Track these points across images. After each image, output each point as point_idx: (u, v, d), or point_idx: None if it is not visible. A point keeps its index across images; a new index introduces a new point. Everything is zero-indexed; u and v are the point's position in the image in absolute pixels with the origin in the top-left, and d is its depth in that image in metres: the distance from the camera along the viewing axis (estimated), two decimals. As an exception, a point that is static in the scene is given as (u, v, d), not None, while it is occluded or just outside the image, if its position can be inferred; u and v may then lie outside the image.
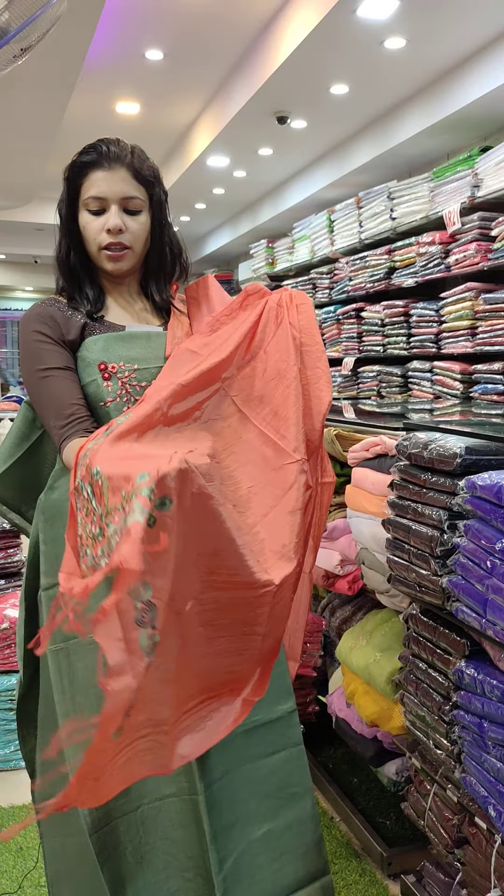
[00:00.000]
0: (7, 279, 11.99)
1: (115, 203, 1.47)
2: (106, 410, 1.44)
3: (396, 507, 1.74)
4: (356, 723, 2.27)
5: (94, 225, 1.48)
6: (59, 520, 1.43)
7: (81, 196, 1.48)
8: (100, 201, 1.47)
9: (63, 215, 1.51)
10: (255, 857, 1.45)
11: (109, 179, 1.46)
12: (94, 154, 1.47)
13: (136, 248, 1.52)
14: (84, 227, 1.49)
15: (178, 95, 5.45)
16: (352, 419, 2.50)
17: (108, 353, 1.45)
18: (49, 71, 4.22)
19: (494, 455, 1.54)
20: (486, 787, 1.49)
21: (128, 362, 1.46)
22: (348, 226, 5.60)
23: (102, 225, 1.47)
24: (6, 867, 2.18)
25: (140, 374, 1.46)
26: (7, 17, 2.13)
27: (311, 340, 1.45)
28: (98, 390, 1.44)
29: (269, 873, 1.46)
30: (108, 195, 1.46)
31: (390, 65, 4.21)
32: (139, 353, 1.48)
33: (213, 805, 1.41)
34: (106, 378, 1.44)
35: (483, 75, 4.06)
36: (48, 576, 1.46)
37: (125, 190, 1.47)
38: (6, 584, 3.11)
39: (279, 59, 4.17)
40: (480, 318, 4.17)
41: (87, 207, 1.48)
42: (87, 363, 1.45)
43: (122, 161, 1.47)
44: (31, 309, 1.51)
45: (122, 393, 1.45)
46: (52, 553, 1.45)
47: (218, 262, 9.96)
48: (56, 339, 1.46)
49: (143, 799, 1.41)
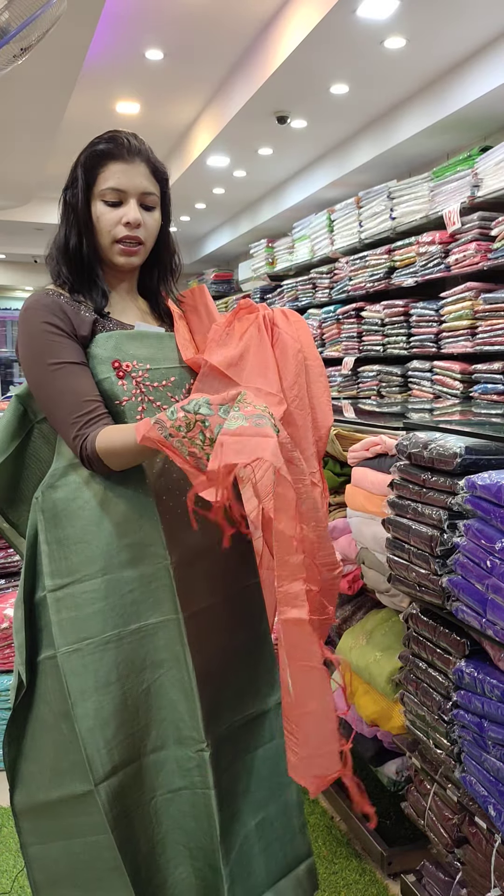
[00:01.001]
0: (7, 279, 11.97)
1: (133, 197, 1.44)
2: (121, 409, 1.42)
3: (396, 507, 1.74)
4: (356, 722, 2.27)
5: (110, 216, 1.44)
6: (65, 519, 1.41)
7: (98, 185, 1.44)
8: (118, 193, 1.43)
9: (75, 205, 1.45)
10: (252, 847, 1.51)
11: (130, 172, 1.43)
12: (112, 144, 1.43)
13: (148, 245, 1.50)
14: (98, 219, 1.45)
15: (178, 95, 5.45)
16: (352, 419, 2.50)
17: (120, 352, 1.42)
18: (49, 71, 4.21)
19: (494, 455, 1.54)
20: (486, 787, 1.49)
21: (140, 361, 1.44)
22: (348, 225, 5.60)
23: (119, 217, 1.44)
24: (6, 867, 2.18)
25: (152, 374, 1.45)
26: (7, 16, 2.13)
27: (312, 355, 1.51)
28: (113, 388, 1.41)
29: (263, 860, 1.53)
30: (127, 188, 1.43)
31: (390, 65, 4.21)
32: (151, 353, 1.46)
33: (223, 798, 1.45)
34: (120, 376, 1.42)
35: (483, 75, 4.06)
36: (55, 577, 1.41)
37: (144, 185, 1.45)
38: (6, 584, 3.11)
39: (279, 58, 4.17)
40: (480, 317, 4.16)
41: (103, 198, 1.44)
42: (99, 360, 1.42)
43: (142, 155, 1.45)
44: (36, 299, 1.43)
45: (137, 392, 1.43)
46: (58, 553, 1.41)
47: (218, 262, 9.95)
48: (68, 332, 1.40)
49: (157, 791, 1.44)
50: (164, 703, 1.42)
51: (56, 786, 1.44)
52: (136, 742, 1.42)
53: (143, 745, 1.42)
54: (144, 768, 1.43)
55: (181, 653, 1.41)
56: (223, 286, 9.36)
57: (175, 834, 1.45)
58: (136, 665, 1.41)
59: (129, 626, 1.40)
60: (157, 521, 1.41)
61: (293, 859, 1.58)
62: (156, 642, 1.41)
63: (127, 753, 1.41)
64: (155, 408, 1.44)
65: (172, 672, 1.42)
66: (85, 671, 1.38)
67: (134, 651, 1.40)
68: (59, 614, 1.40)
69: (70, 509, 1.41)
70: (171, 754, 1.43)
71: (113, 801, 1.39)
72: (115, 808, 1.39)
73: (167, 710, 1.42)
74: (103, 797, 1.38)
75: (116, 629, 1.39)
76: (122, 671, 1.39)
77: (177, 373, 1.49)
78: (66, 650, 1.39)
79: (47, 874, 1.52)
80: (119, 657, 1.39)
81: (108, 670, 1.39)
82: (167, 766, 1.44)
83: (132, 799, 1.42)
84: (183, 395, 1.49)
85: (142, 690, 1.41)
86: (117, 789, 1.40)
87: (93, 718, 1.38)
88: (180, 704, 1.42)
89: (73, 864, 1.47)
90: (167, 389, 1.47)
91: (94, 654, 1.38)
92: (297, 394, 1.45)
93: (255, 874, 1.51)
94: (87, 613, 1.39)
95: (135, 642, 1.40)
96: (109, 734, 1.38)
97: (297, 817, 1.60)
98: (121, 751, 1.40)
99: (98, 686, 1.38)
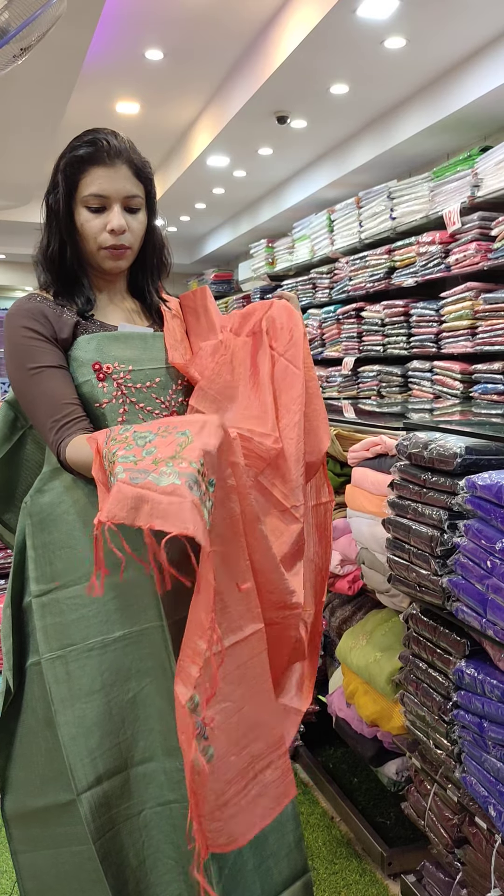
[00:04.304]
0: (7, 279, 11.96)
1: (117, 202, 1.42)
2: (101, 412, 1.40)
3: (396, 507, 1.74)
4: (356, 723, 2.27)
5: (94, 224, 1.42)
6: (51, 524, 1.41)
7: (80, 192, 1.41)
8: (101, 199, 1.41)
9: (57, 210, 1.43)
10: (246, 863, 1.45)
11: (112, 177, 1.40)
12: (93, 148, 1.39)
13: (135, 247, 1.48)
14: (82, 226, 1.43)
15: (178, 95, 5.44)
16: (352, 419, 2.50)
17: (101, 354, 1.41)
18: (49, 71, 4.21)
19: (494, 455, 1.54)
20: (486, 787, 1.49)
21: (122, 363, 1.42)
22: (348, 225, 5.60)
23: (104, 224, 1.42)
24: (6, 867, 2.18)
25: (135, 375, 1.43)
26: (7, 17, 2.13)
27: (310, 376, 1.49)
28: (93, 391, 1.40)
29: (258, 877, 1.46)
30: (110, 194, 1.41)
31: (390, 64, 4.21)
32: (134, 354, 1.44)
33: None
34: (101, 379, 1.40)
35: (483, 75, 4.06)
36: (40, 582, 1.40)
37: (128, 188, 1.42)
38: (5, 584, 3.11)
39: (279, 58, 4.17)
40: (480, 317, 4.16)
41: (86, 205, 1.41)
42: (80, 363, 1.40)
43: (123, 157, 1.42)
44: (18, 304, 1.43)
45: (118, 394, 1.41)
46: (43, 558, 1.40)
47: (218, 262, 9.95)
48: (48, 336, 1.40)
49: (146, 804, 1.40)
50: (151, 713, 1.38)
51: (43, 793, 1.42)
52: (123, 752, 1.38)
53: (131, 755, 1.38)
54: (132, 780, 1.39)
55: (166, 661, 1.38)
56: (223, 286, 9.36)
57: (167, 849, 1.40)
58: (121, 674, 1.38)
59: (112, 634, 1.37)
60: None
61: (289, 876, 1.52)
62: (140, 650, 1.38)
63: (112, 763, 1.37)
64: (137, 409, 1.42)
65: (158, 681, 1.38)
66: (68, 678, 1.37)
67: (118, 659, 1.37)
68: (44, 620, 1.39)
69: (55, 514, 1.41)
70: (160, 766, 1.39)
71: (96, 812, 1.35)
72: (98, 818, 1.35)
73: (154, 721, 1.39)
74: (85, 807, 1.34)
75: (100, 636, 1.37)
76: (107, 679, 1.37)
77: (162, 374, 1.47)
78: (50, 657, 1.38)
79: (36, 883, 1.49)
80: (103, 665, 1.37)
81: (92, 678, 1.36)
82: (156, 778, 1.39)
83: (119, 810, 1.38)
84: (169, 396, 1.47)
85: (127, 700, 1.38)
86: (101, 800, 1.36)
87: (75, 727, 1.35)
88: (167, 714, 1.38)
89: (60, 874, 1.43)
90: (151, 391, 1.45)
91: (77, 661, 1.36)
92: (298, 433, 1.42)
93: (249, 891, 1.46)
94: (70, 619, 1.37)
95: (119, 650, 1.37)
96: (93, 743, 1.35)
97: (293, 831, 1.53)
98: (105, 760, 1.36)
99: (81, 694, 1.36)
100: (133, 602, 1.38)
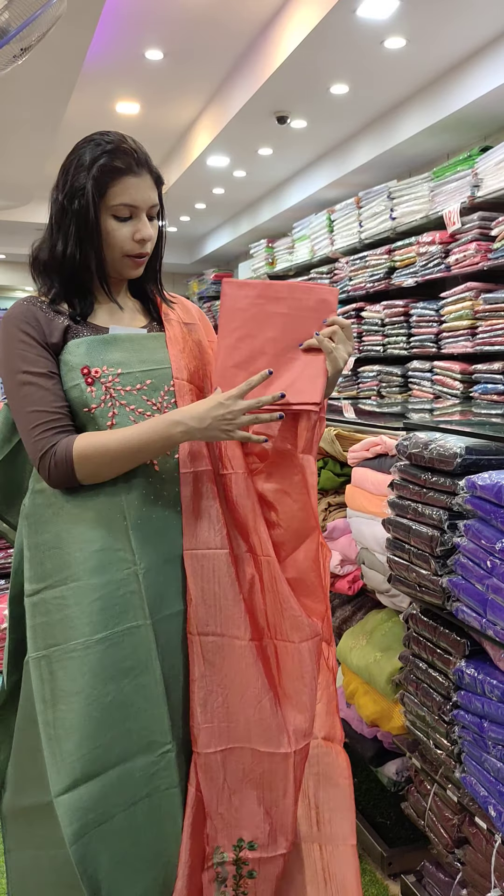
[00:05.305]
0: (7, 279, 11.97)
1: (144, 211, 1.43)
2: (90, 416, 1.41)
3: (396, 507, 1.74)
4: (356, 723, 2.27)
5: (122, 232, 1.41)
6: (42, 525, 1.42)
7: (109, 200, 1.39)
8: (131, 209, 1.41)
9: (80, 215, 1.39)
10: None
11: (141, 186, 1.41)
12: (126, 158, 1.39)
13: (151, 253, 1.50)
14: (109, 233, 1.41)
15: (178, 95, 5.44)
16: (352, 419, 2.50)
17: (91, 357, 1.41)
18: (49, 71, 4.21)
19: (494, 455, 1.54)
20: (486, 787, 1.49)
21: (111, 366, 1.42)
22: (348, 226, 5.60)
23: (131, 233, 1.42)
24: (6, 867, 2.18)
25: (124, 378, 1.42)
26: (7, 17, 2.13)
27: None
28: (82, 395, 1.40)
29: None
30: (139, 203, 1.41)
31: (390, 64, 4.21)
32: (124, 356, 1.44)
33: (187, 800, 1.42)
34: (89, 383, 1.40)
35: (483, 75, 4.06)
36: (32, 581, 1.41)
37: (153, 198, 1.43)
38: (6, 584, 3.11)
39: (279, 58, 4.17)
40: (480, 317, 4.17)
41: (115, 213, 1.40)
42: (70, 367, 1.40)
43: (148, 166, 1.43)
44: (13, 308, 1.43)
45: (107, 398, 1.41)
46: (36, 559, 1.41)
47: (218, 262, 9.95)
48: (39, 341, 1.40)
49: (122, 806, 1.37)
50: (129, 714, 1.37)
51: (28, 792, 1.42)
52: (101, 756, 1.36)
53: (108, 759, 1.36)
54: (110, 783, 1.36)
55: (150, 658, 1.39)
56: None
57: (136, 850, 1.38)
58: (100, 676, 1.36)
59: (95, 636, 1.37)
60: (127, 528, 1.40)
61: None
62: (122, 651, 1.38)
63: (91, 767, 1.34)
64: (128, 412, 1.42)
65: (140, 679, 1.38)
66: (52, 679, 1.37)
67: (99, 661, 1.36)
68: (34, 619, 1.40)
69: (46, 515, 1.42)
70: (138, 764, 1.38)
71: (73, 816, 1.32)
72: (74, 822, 1.32)
73: (132, 721, 1.38)
74: (62, 810, 1.31)
75: (82, 637, 1.36)
76: (87, 681, 1.36)
77: (154, 375, 1.46)
78: (36, 656, 1.38)
79: (20, 883, 1.49)
80: (84, 667, 1.36)
81: (73, 679, 1.35)
82: (134, 776, 1.38)
83: (95, 815, 1.35)
84: (161, 397, 1.46)
85: (106, 703, 1.36)
86: (78, 803, 1.33)
87: (54, 728, 1.35)
88: (144, 713, 1.38)
89: (40, 877, 1.42)
90: (142, 393, 1.44)
91: (59, 662, 1.36)
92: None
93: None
94: (55, 619, 1.38)
95: (100, 652, 1.36)
96: (71, 746, 1.34)
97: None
98: (83, 763, 1.34)
99: (62, 695, 1.36)
100: (118, 602, 1.38)
